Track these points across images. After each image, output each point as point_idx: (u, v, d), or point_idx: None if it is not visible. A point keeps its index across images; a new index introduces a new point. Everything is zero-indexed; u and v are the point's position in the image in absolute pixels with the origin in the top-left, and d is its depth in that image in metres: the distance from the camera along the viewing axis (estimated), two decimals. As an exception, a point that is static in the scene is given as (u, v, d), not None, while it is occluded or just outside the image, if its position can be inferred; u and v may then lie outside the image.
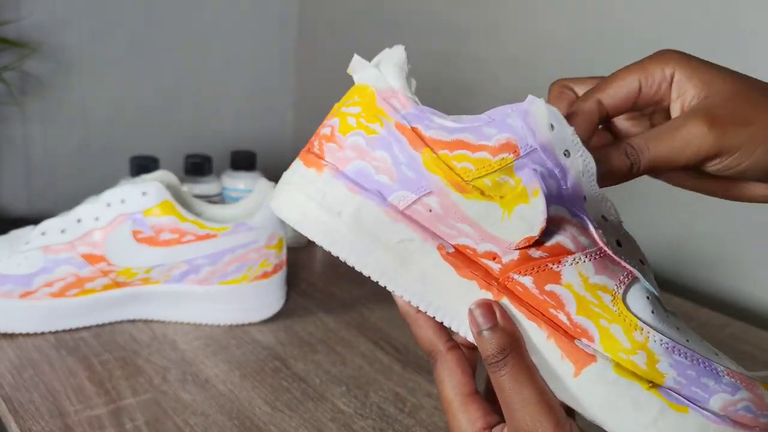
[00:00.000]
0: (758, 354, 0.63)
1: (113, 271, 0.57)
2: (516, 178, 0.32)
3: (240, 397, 0.51)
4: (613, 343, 0.32)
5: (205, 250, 0.59)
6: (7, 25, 0.92)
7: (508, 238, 0.32)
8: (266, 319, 0.63)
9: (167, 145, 1.01)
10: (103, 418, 0.47)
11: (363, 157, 0.33)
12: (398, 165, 0.33)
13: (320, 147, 0.34)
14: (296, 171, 0.35)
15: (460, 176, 0.32)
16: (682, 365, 0.32)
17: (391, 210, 0.33)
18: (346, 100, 0.35)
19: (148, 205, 0.57)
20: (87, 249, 0.56)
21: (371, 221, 0.33)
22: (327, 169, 0.34)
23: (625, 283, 0.33)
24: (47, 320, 0.57)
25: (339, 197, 0.33)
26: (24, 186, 1.01)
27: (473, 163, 0.32)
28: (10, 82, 0.93)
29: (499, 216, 0.32)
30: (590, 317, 0.32)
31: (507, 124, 0.33)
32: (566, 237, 0.33)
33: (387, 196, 0.33)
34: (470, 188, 0.32)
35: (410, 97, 0.34)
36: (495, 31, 0.92)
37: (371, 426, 0.48)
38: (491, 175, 0.32)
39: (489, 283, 0.33)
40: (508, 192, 0.32)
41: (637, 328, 0.32)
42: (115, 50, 1.04)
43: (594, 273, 0.33)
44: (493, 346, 0.31)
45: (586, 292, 0.32)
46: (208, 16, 1.12)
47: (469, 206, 0.32)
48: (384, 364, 0.57)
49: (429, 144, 0.33)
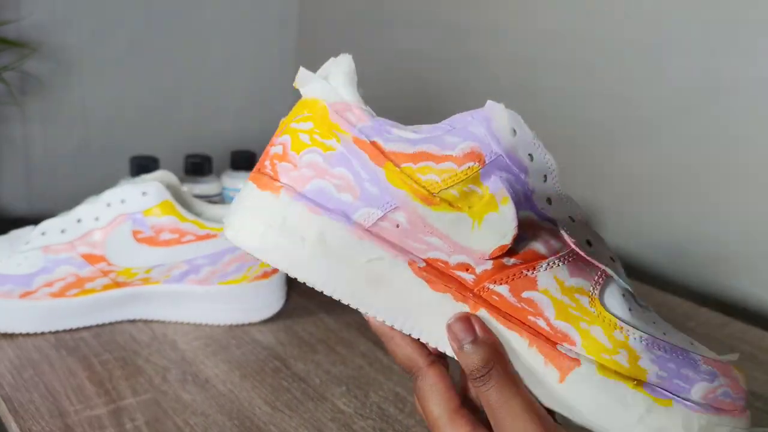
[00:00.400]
0: (758, 354, 0.63)
1: (113, 271, 0.57)
2: (483, 186, 0.32)
3: (240, 397, 0.51)
4: (594, 345, 0.32)
5: (205, 250, 0.59)
6: (7, 25, 0.92)
7: (481, 248, 0.32)
8: (266, 319, 0.63)
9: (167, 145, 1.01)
10: (103, 418, 0.47)
11: (322, 176, 0.32)
12: (360, 181, 0.32)
13: (273, 167, 0.33)
14: (249, 195, 0.33)
15: (426, 189, 0.31)
16: (663, 359, 0.32)
17: (356, 229, 0.32)
18: (294, 115, 0.33)
19: (148, 205, 0.57)
20: (87, 249, 0.56)
21: (336, 243, 0.31)
22: (284, 190, 0.32)
23: (600, 283, 0.33)
24: (47, 320, 0.57)
25: (300, 221, 0.31)
26: (24, 186, 1.01)
27: (438, 174, 0.32)
28: (10, 82, 0.93)
29: (470, 226, 0.32)
30: (570, 321, 0.32)
31: (469, 132, 0.32)
32: (538, 242, 0.32)
33: (351, 214, 0.32)
34: (437, 200, 0.31)
35: (365, 110, 0.33)
36: (495, 31, 0.92)
37: (371, 426, 0.48)
38: (458, 185, 0.32)
39: (464, 296, 0.32)
40: (476, 201, 0.32)
41: (617, 327, 0.32)
42: (115, 50, 1.04)
43: (569, 276, 0.32)
44: (476, 360, 0.31)
45: (563, 296, 0.32)
46: (208, 16, 1.12)
47: (438, 219, 0.32)
48: (384, 364, 0.57)
49: (390, 158, 0.32)
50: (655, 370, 0.32)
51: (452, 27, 0.97)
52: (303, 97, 0.34)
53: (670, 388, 0.32)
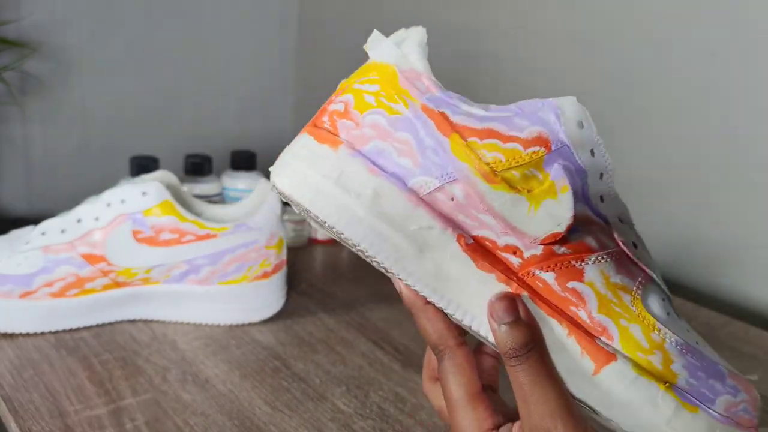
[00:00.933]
0: (758, 354, 0.63)
1: (113, 271, 0.57)
2: (544, 172, 0.32)
3: (240, 397, 0.51)
4: (632, 343, 0.32)
5: (205, 250, 0.59)
6: (7, 25, 0.92)
7: (534, 232, 0.31)
8: (266, 319, 0.63)
9: (167, 145, 1.01)
10: (103, 418, 0.47)
11: (384, 138, 0.31)
12: (423, 149, 0.31)
13: (332, 123, 0.32)
14: (305, 146, 0.32)
15: (490, 166, 0.31)
16: (694, 366, 0.32)
17: (411, 195, 0.31)
18: (359, 76, 0.33)
19: (148, 205, 0.57)
20: (87, 249, 0.56)
21: (390, 206, 0.31)
22: (343, 146, 0.31)
23: (642, 285, 0.33)
24: (47, 320, 0.57)
25: (357, 177, 0.31)
26: (24, 186, 1.01)
27: (504, 153, 0.31)
28: (10, 82, 0.93)
29: (526, 209, 0.31)
30: (610, 316, 0.32)
31: (538, 117, 0.32)
32: (590, 235, 0.32)
33: (408, 180, 0.31)
34: (498, 179, 0.31)
35: (434, 81, 0.32)
36: (496, 31, 0.92)
37: (371, 426, 0.48)
38: (521, 167, 0.31)
39: (509, 278, 0.32)
40: (536, 186, 0.31)
41: (655, 328, 0.32)
42: (115, 50, 1.04)
43: (615, 272, 0.33)
44: (515, 341, 0.30)
45: (607, 291, 0.32)
46: (208, 16, 1.12)
47: (496, 198, 0.31)
48: (384, 364, 0.57)
49: (458, 130, 0.31)
50: (685, 376, 0.32)
51: (452, 27, 0.97)
52: (370, 60, 0.33)
53: (698, 395, 0.32)
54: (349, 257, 0.82)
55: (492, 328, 0.31)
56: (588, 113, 0.32)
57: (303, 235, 0.83)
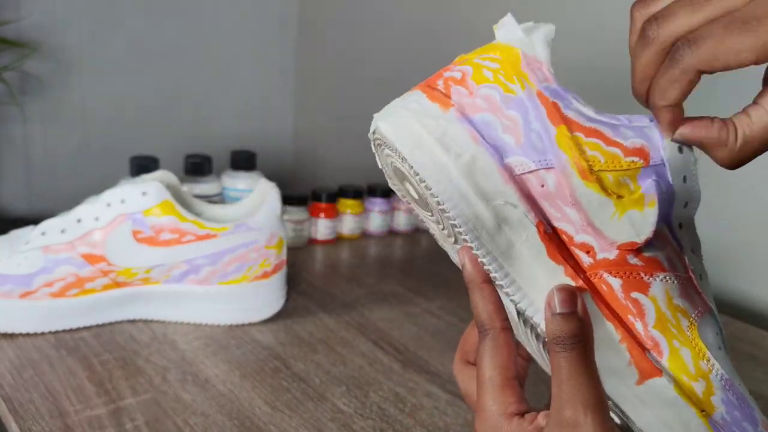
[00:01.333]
0: (758, 354, 0.63)
1: (113, 271, 0.57)
2: (637, 183, 0.32)
3: (240, 397, 0.51)
4: (680, 364, 0.32)
5: (205, 250, 0.59)
6: (7, 25, 0.92)
7: (613, 236, 0.32)
8: (266, 319, 0.63)
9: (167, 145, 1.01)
10: (103, 418, 0.47)
11: (494, 111, 0.32)
12: (528, 131, 0.32)
13: (447, 87, 0.33)
14: (416, 101, 0.33)
15: (588, 162, 0.32)
16: (732, 405, 0.33)
17: (505, 171, 0.32)
18: (481, 53, 0.34)
19: (148, 205, 0.57)
20: (87, 249, 0.56)
21: (483, 174, 0.32)
22: (453, 109, 0.32)
23: (702, 314, 0.34)
24: (47, 320, 0.57)
25: (459, 140, 0.32)
26: (24, 186, 1.01)
27: (604, 155, 0.32)
28: (10, 82, 0.93)
29: (611, 213, 0.32)
30: (665, 334, 0.33)
31: (644, 133, 0.33)
32: (663, 254, 0.33)
33: (506, 156, 0.32)
34: (593, 178, 0.32)
35: (553, 74, 0.34)
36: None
37: (371, 426, 0.48)
38: (617, 172, 0.32)
39: (576, 274, 0.32)
40: (626, 194, 0.32)
41: (705, 357, 0.33)
42: (115, 50, 1.04)
43: (679, 295, 0.33)
44: (565, 330, 0.31)
45: (667, 310, 0.33)
46: (208, 16, 1.12)
47: (586, 194, 0.32)
48: (384, 364, 0.57)
49: (566, 121, 0.32)
50: (722, 411, 0.32)
51: (452, 27, 0.97)
52: (496, 41, 0.35)
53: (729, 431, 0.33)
54: (349, 257, 0.82)
55: (546, 314, 0.32)
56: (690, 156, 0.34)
57: (303, 235, 0.83)
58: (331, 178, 1.10)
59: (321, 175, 1.20)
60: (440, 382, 0.54)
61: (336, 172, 1.13)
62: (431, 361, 0.58)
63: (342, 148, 1.16)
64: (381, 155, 0.35)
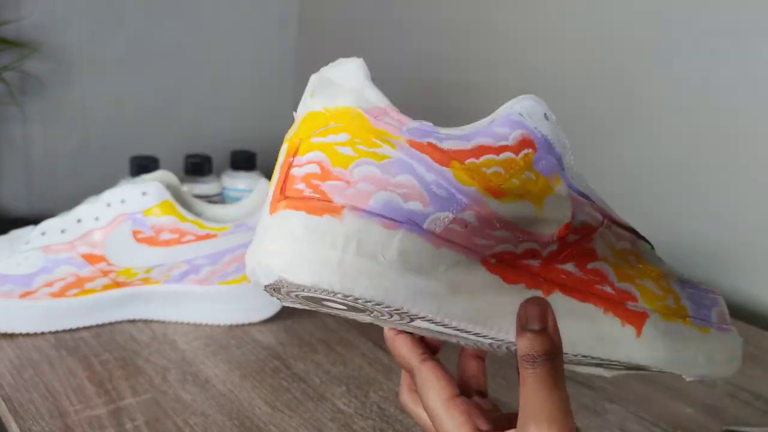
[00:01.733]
0: (758, 354, 0.63)
1: (113, 271, 0.57)
2: (535, 171, 0.32)
3: (240, 397, 0.51)
4: (651, 296, 0.34)
5: (205, 250, 0.59)
6: (7, 25, 0.92)
7: (547, 230, 0.32)
8: (266, 319, 0.63)
9: (167, 145, 1.01)
10: (103, 418, 0.47)
11: (384, 187, 0.29)
12: (427, 186, 0.29)
13: (315, 189, 0.29)
14: (299, 224, 0.28)
15: (493, 182, 0.30)
16: (691, 294, 0.36)
17: (430, 237, 0.29)
18: (311, 129, 0.30)
19: (148, 205, 0.57)
20: (87, 249, 0.56)
21: (416, 256, 0.29)
22: (346, 211, 0.28)
23: (634, 240, 0.35)
24: (47, 320, 0.57)
25: (378, 239, 0.28)
26: (24, 186, 1.01)
27: (501, 165, 0.31)
28: (10, 82, 0.93)
29: (533, 212, 0.31)
30: (628, 280, 0.34)
31: (513, 122, 0.32)
32: (586, 215, 0.33)
33: (422, 223, 0.29)
34: (504, 192, 0.31)
35: (399, 112, 0.31)
36: (495, 31, 0.92)
37: (371, 426, 0.48)
38: (518, 173, 0.31)
39: (536, 281, 0.32)
40: (533, 187, 0.32)
41: (660, 275, 0.35)
42: (115, 50, 1.04)
43: (616, 240, 0.35)
44: (536, 348, 0.30)
45: (617, 260, 0.34)
46: (208, 16, 1.12)
47: (507, 210, 0.31)
48: (384, 364, 0.57)
49: (453, 156, 0.30)
50: (689, 305, 0.35)
51: (452, 27, 0.97)
52: (311, 110, 0.31)
53: (703, 316, 0.35)
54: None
55: (517, 329, 0.31)
56: (545, 104, 0.33)
57: (303, 235, 0.82)
58: (331, 178, 1.10)
59: (321, 175, 1.20)
60: (440, 382, 0.54)
61: (336, 172, 1.13)
62: (431, 361, 0.58)
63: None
64: (284, 296, 0.31)
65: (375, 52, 1.09)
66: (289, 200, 0.29)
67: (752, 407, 0.54)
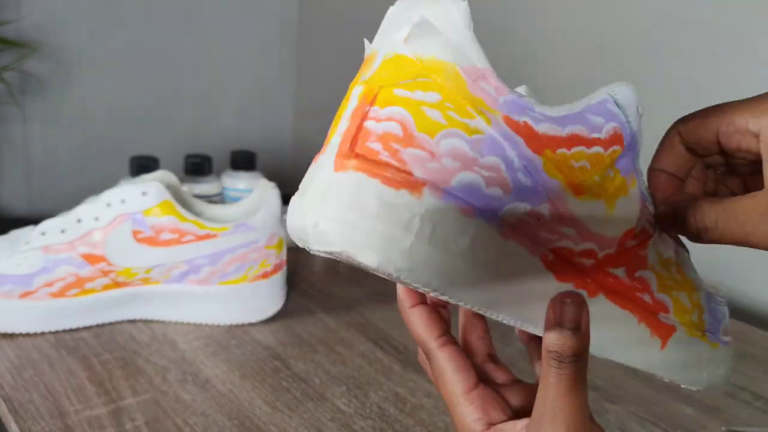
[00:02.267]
0: (758, 354, 0.63)
1: (113, 271, 0.57)
2: (615, 168, 0.29)
3: (240, 397, 0.51)
4: (682, 309, 0.33)
5: (205, 250, 0.59)
6: (7, 25, 0.92)
7: (612, 233, 0.30)
8: (266, 319, 0.63)
9: (167, 145, 1.01)
10: (103, 418, 0.47)
11: (470, 167, 0.25)
12: (513, 172, 0.26)
13: (394, 154, 0.25)
14: (371, 198, 0.25)
15: (578, 177, 0.28)
16: (713, 309, 0.35)
17: (502, 229, 0.27)
18: (399, 77, 0.26)
19: (148, 205, 0.57)
20: (87, 249, 0.56)
21: (485, 248, 0.26)
22: (427, 189, 0.25)
23: (676, 250, 0.34)
24: (47, 320, 0.57)
25: (453, 227, 0.25)
26: (24, 186, 1.01)
27: (589, 159, 0.28)
28: (10, 82, 0.93)
29: (604, 212, 0.29)
30: (666, 291, 0.33)
31: (609, 112, 0.29)
32: (646, 220, 0.32)
33: (498, 212, 0.26)
34: (584, 188, 0.28)
35: (499, 78, 0.27)
36: (495, 31, 0.92)
37: (371, 426, 0.48)
38: (601, 171, 0.29)
39: (584, 281, 0.30)
40: (610, 185, 0.29)
41: (693, 288, 0.34)
42: (115, 50, 1.04)
43: (665, 248, 0.33)
44: (566, 347, 0.29)
45: (661, 269, 0.33)
46: (208, 16, 1.12)
47: (582, 207, 0.28)
48: (384, 364, 0.57)
49: (547, 144, 0.27)
50: (708, 319, 0.34)
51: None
52: (406, 53, 0.26)
53: (715, 330, 0.35)
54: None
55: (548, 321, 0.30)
56: (640, 97, 0.32)
57: (303, 235, 0.82)
58: (331, 178, 1.10)
59: (321, 175, 1.20)
60: (440, 382, 0.54)
61: (336, 172, 1.13)
62: (431, 361, 0.58)
63: (342, 148, 1.16)
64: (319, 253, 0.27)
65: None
66: (361, 160, 0.25)
67: (752, 407, 0.54)
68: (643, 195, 0.32)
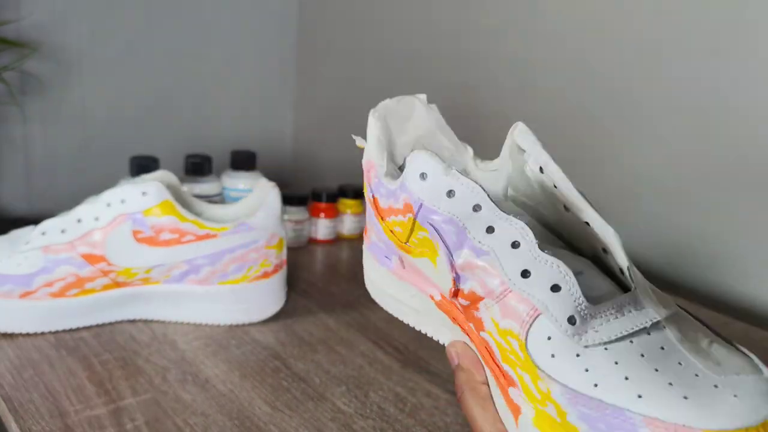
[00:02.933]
0: (758, 354, 0.63)
1: (113, 271, 0.57)
2: (427, 231, 0.33)
3: (240, 397, 0.51)
4: (529, 393, 0.29)
5: (205, 250, 0.59)
6: (7, 25, 0.92)
7: (443, 286, 0.34)
8: (266, 319, 0.63)
9: (167, 145, 1.01)
10: (103, 418, 0.47)
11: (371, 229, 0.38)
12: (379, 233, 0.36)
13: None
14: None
15: (399, 239, 0.35)
16: (590, 418, 0.27)
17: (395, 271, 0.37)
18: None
19: (148, 205, 0.57)
20: (87, 249, 0.56)
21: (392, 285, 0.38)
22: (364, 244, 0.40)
23: (528, 323, 0.29)
24: (47, 320, 0.57)
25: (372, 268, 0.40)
26: (24, 186, 1.01)
27: (400, 225, 0.34)
28: (10, 82, 0.93)
29: (433, 268, 0.33)
30: (510, 364, 0.30)
31: (405, 185, 0.33)
32: (476, 282, 0.31)
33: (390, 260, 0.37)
34: (408, 248, 0.34)
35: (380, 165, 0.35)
36: (495, 31, 0.92)
37: (371, 426, 0.48)
38: (411, 234, 0.34)
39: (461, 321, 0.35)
40: (428, 245, 0.33)
41: (538, 377, 0.28)
42: (115, 50, 1.04)
43: (501, 317, 0.30)
44: (456, 381, 0.35)
45: (500, 338, 0.30)
46: (208, 16, 1.12)
47: (417, 263, 0.35)
48: (384, 364, 0.57)
49: (381, 214, 0.35)
50: (585, 429, 0.27)
51: (452, 27, 0.97)
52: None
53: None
54: (349, 257, 0.82)
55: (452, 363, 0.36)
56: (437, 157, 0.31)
57: (303, 235, 0.83)
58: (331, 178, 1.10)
59: (321, 175, 1.20)
60: (440, 382, 0.54)
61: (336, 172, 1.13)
62: (431, 361, 0.58)
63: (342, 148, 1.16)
64: None
65: (375, 52, 1.09)
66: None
67: (752, 407, 0.54)
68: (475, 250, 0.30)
